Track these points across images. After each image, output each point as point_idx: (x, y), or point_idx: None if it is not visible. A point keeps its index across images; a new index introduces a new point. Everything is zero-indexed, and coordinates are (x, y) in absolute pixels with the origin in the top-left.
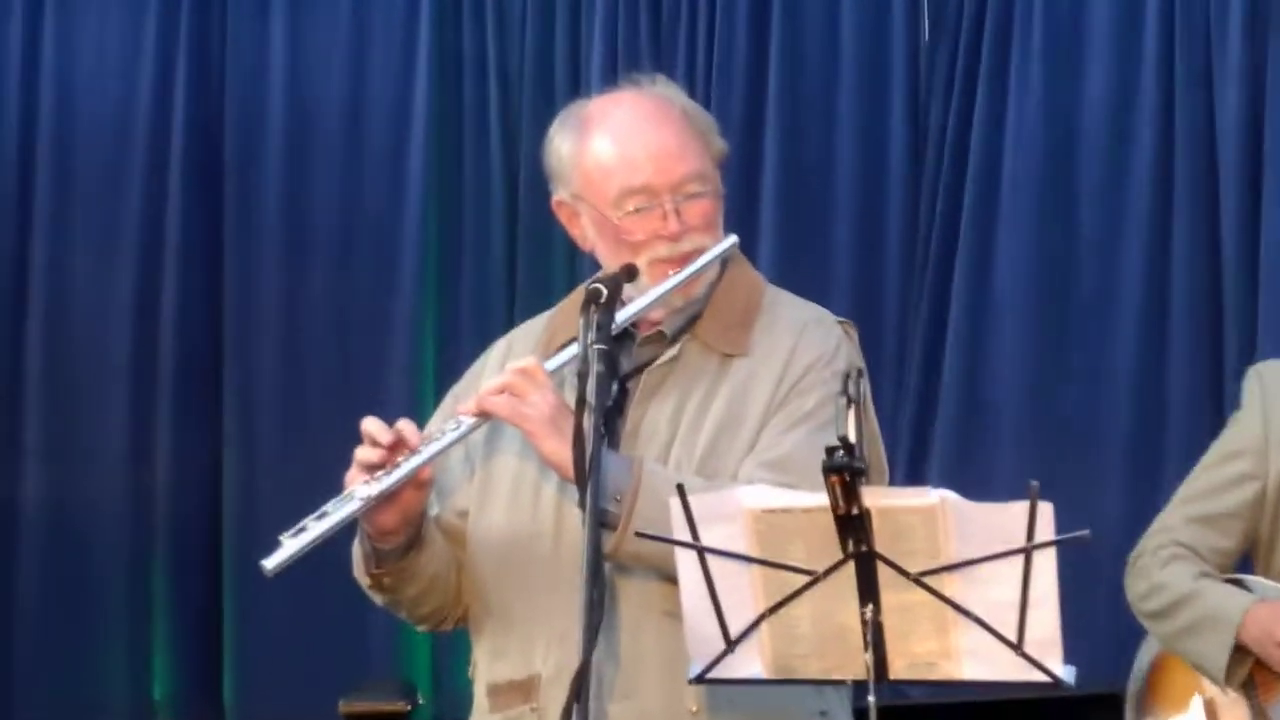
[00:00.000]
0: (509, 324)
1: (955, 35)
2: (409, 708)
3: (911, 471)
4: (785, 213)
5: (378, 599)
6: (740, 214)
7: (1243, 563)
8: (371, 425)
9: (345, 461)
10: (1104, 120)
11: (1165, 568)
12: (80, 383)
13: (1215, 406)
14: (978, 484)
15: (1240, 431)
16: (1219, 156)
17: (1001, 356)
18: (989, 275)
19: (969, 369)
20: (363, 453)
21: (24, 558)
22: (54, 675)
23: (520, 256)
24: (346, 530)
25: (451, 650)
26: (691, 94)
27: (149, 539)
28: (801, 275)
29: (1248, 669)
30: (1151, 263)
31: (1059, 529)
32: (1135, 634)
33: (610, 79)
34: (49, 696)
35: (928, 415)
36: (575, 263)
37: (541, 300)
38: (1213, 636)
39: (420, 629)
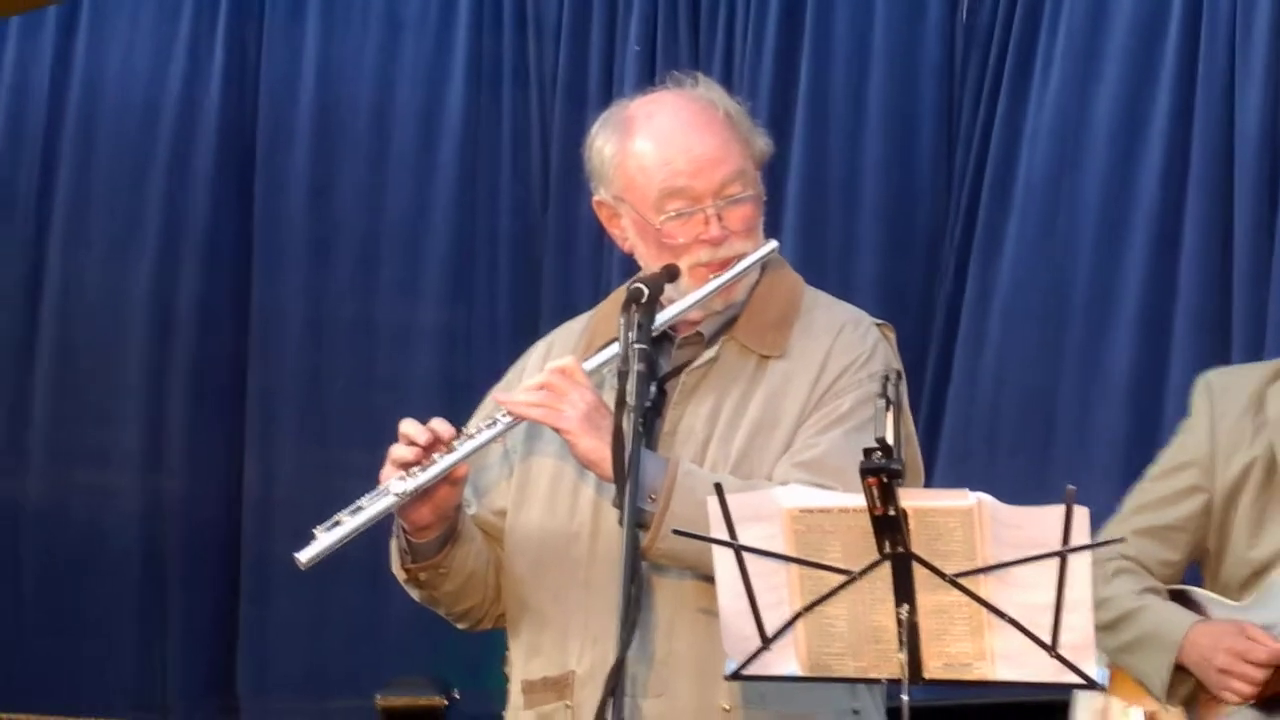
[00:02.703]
0: (535, 330)
1: (989, 34)
2: (445, 703)
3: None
4: (811, 212)
5: (415, 594)
6: (766, 211)
7: (1192, 574)
8: (408, 426)
9: (366, 465)
10: (1120, 121)
11: (1110, 581)
12: (94, 380)
13: None
14: (980, 487)
15: (1187, 443)
16: (1236, 159)
17: (1007, 357)
18: (998, 277)
19: (975, 369)
20: (398, 451)
21: (33, 555)
22: (63, 672)
23: (547, 261)
24: (372, 527)
25: (481, 646)
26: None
27: (163, 537)
28: (826, 275)
29: (1190, 688)
30: (1160, 265)
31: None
32: None
33: (645, 85)
34: (58, 693)
35: (939, 416)
36: (602, 268)
37: (568, 304)
38: (1154, 656)
39: (459, 626)
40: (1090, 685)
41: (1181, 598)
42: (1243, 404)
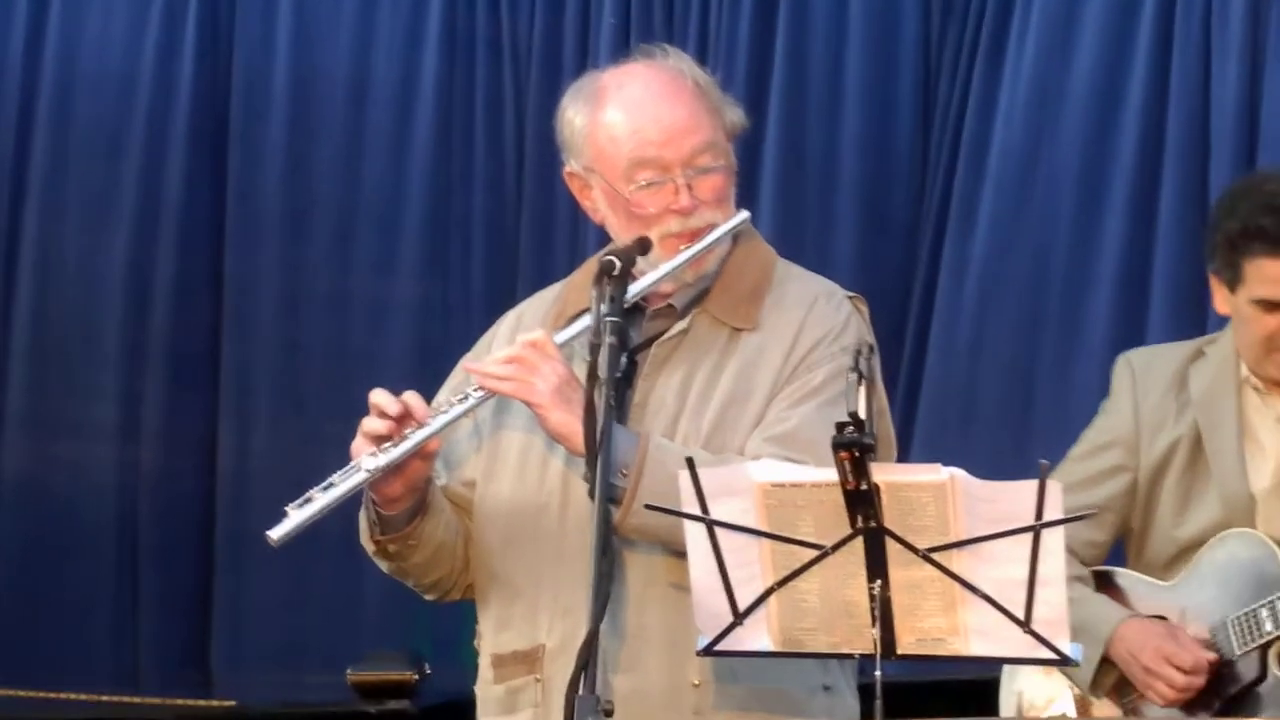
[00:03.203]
0: (511, 303)
1: (964, 8)
2: (417, 678)
3: (900, 447)
4: (787, 186)
5: (384, 566)
6: (742, 186)
7: (1115, 553)
8: (379, 397)
9: (342, 437)
10: (1095, 91)
11: None
12: (69, 352)
13: None
14: (956, 460)
15: (1110, 423)
16: (1212, 133)
17: (984, 328)
18: (974, 249)
19: (952, 341)
20: (369, 424)
21: (5, 527)
22: (36, 646)
23: (524, 233)
24: (345, 502)
25: (452, 620)
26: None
27: (137, 510)
28: (802, 249)
29: (1114, 679)
30: (1136, 236)
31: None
32: None
33: (620, 56)
34: (30, 666)
35: (916, 389)
36: (579, 240)
37: (545, 277)
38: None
39: (427, 598)
40: (1064, 661)
41: (1107, 579)
42: (1165, 383)
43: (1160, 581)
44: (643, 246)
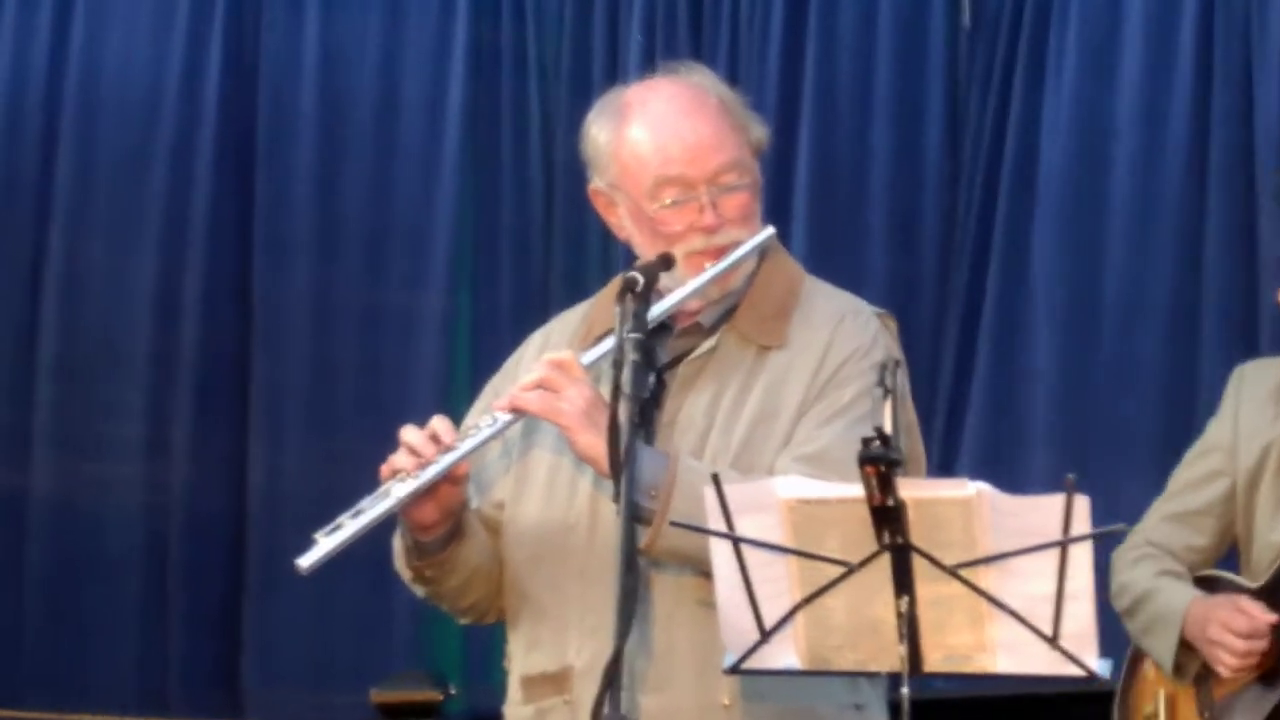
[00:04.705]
0: (542, 319)
1: (995, 24)
2: (441, 698)
3: (944, 467)
4: (819, 202)
5: (420, 591)
6: (774, 203)
7: (1230, 562)
8: (410, 435)
9: (372, 456)
10: (1139, 114)
11: (1132, 568)
12: (96, 371)
13: None
14: (1009, 481)
15: (1213, 430)
16: (1256, 153)
17: (1035, 351)
18: (1024, 269)
19: (1002, 363)
20: (399, 459)
21: (34, 546)
22: (66, 666)
23: (555, 251)
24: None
25: (482, 641)
26: (730, 84)
27: (167, 529)
28: (835, 266)
29: (1199, 665)
30: (1184, 258)
31: (1093, 526)
32: None
33: (648, 72)
34: (60, 688)
35: (960, 409)
36: (609, 257)
37: (575, 295)
38: (1163, 634)
39: (462, 621)
40: (1091, 677)
41: (1210, 583)
42: (1267, 391)
43: (1251, 583)
44: (666, 263)
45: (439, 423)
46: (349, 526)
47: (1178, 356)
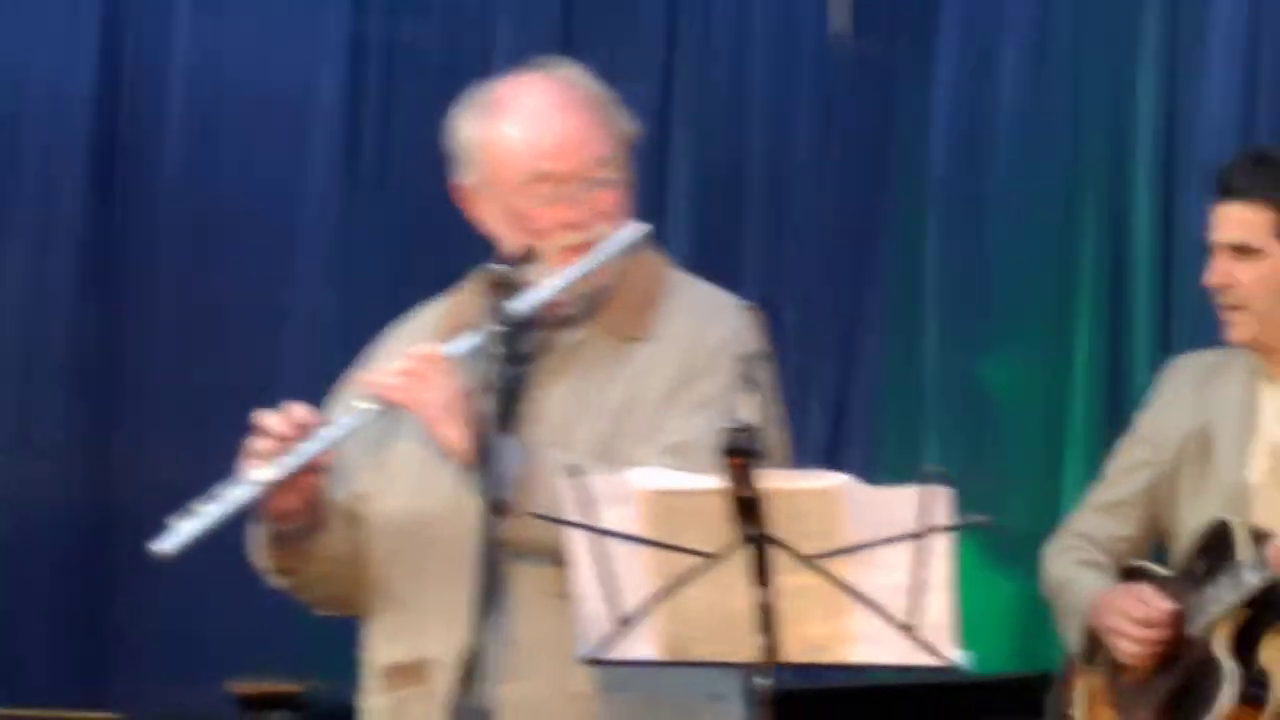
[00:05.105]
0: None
1: (871, 26)
2: (300, 689)
3: (828, 459)
4: (698, 201)
5: (279, 583)
6: (652, 202)
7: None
8: (266, 418)
9: (240, 448)
10: (1019, 116)
11: (1056, 559)
12: None
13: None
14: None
15: (1142, 421)
16: (1137, 150)
17: (923, 348)
18: (911, 266)
19: (889, 360)
20: (255, 444)
21: None
22: None
23: (424, 245)
24: (240, 515)
25: (343, 632)
26: (602, 80)
27: (31, 522)
28: (714, 264)
29: (1106, 650)
30: (1061, 258)
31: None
32: None
33: (518, 66)
34: None
35: (843, 403)
36: (477, 251)
37: (444, 289)
38: (1074, 623)
39: (322, 612)
40: (947, 667)
41: (1136, 573)
42: (1192, 381)
43: (1170, 572)
44: (530, 257)
45: (300, 411)
46: (204, 513)
47: (1055, 351)
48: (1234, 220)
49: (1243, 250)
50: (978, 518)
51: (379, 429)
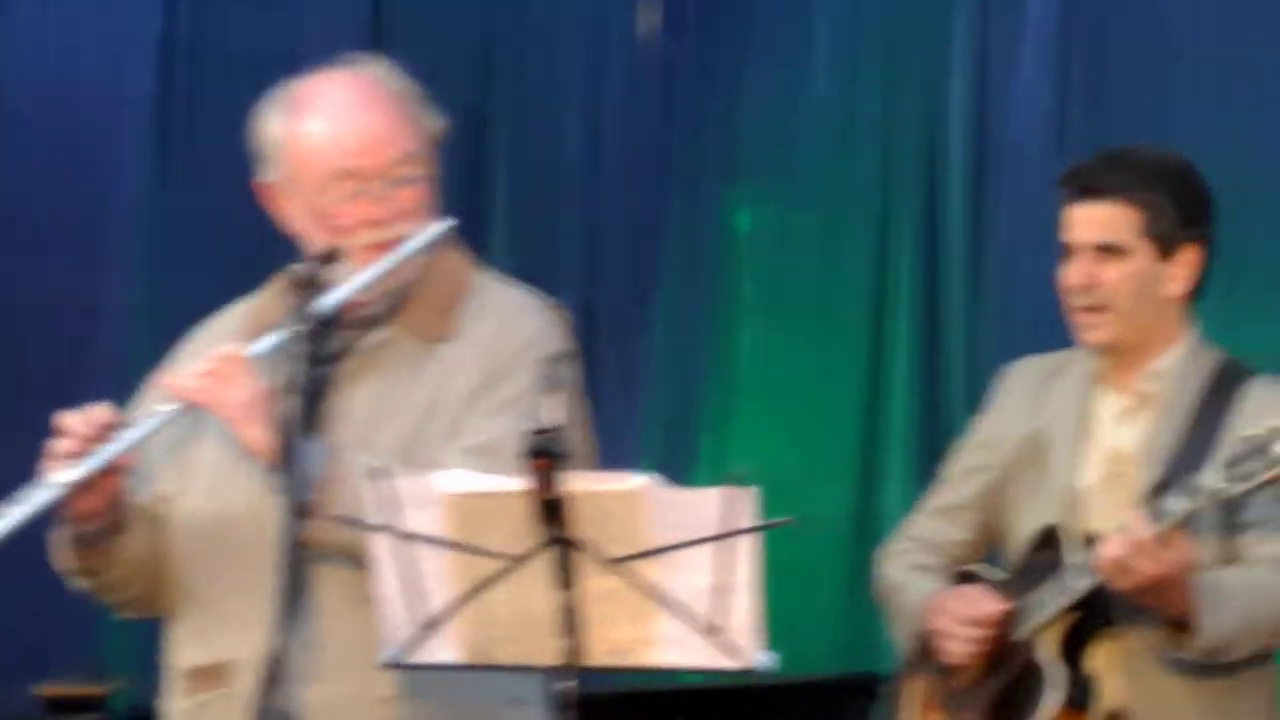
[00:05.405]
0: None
1: (683, 23)
2: (106, 691)
3: (624, 460)
4: (515, 203)
5: (82, 584)
6: (472, 205)
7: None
8: (67, 419)
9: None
10: (830, 112)
11: (889, 562)
12: None
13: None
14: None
15: (979, 424)
16: (949, 152)
17: (736, 346)
18: (723, 264)
19: (712, 360)
20: (57, 445)
21: None
22: None
23: (234, 243)
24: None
25: (148, 634)
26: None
27: None
28: (532, 266)
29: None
30: (877, 255)
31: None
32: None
33: (324, 63)
34: None
35: (654, 402)
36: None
37: (254, 288)
38: (904, 627)
39: (125, 614)
40: (752, 670)
41: (969, 577)
42: (1029, 386)
43: (1003, 576)
44: (333, 256)
45: (101, 413)
46: (8, 515)
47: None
48: (1099, 220)
49: (1109, 250)
50: (782, 519)
51: (182, 430)
